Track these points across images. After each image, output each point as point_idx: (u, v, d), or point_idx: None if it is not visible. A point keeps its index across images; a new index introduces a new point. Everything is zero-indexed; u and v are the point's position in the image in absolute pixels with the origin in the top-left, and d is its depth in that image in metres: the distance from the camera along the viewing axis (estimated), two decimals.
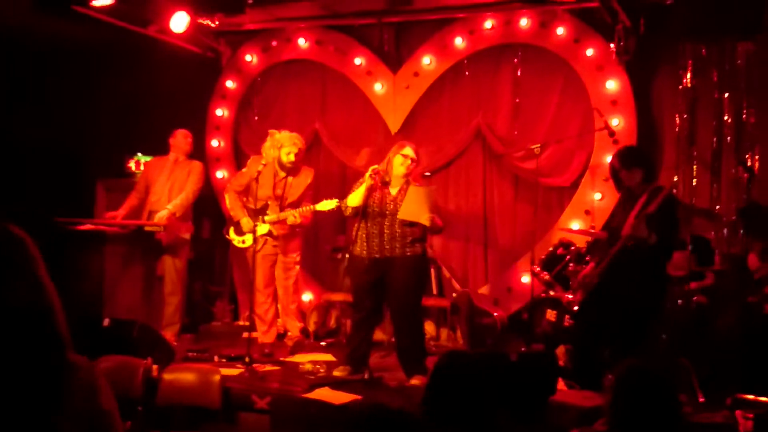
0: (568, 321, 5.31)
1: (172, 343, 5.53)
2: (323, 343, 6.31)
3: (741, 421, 3.66)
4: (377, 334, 5.51)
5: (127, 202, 6.13)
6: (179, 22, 6.21)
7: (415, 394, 4.06)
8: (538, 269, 5.66)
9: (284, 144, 5.67)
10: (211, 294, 7.32)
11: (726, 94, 5.90)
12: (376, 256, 4.86)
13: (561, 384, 4.37)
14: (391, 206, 4.89)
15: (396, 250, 4.85)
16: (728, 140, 5.89)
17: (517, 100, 6.50)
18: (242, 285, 7.12)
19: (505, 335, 5.99)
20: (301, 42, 7.09)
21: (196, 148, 6.47)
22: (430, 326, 6.39)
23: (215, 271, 7.47)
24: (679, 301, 5.00)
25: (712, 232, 5.67)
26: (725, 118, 5.91)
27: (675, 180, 6.02)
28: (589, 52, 6.12)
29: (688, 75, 6.01)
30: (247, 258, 5.78)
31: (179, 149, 6.21)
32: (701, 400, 4.45)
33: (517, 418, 3.64)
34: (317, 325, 6.68)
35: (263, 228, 5.66)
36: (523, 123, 6.46)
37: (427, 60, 6.67)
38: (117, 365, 3.95)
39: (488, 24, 6.44)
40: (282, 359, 5.49)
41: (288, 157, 5.66)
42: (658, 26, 5.88)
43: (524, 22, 6.29)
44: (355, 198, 4.93)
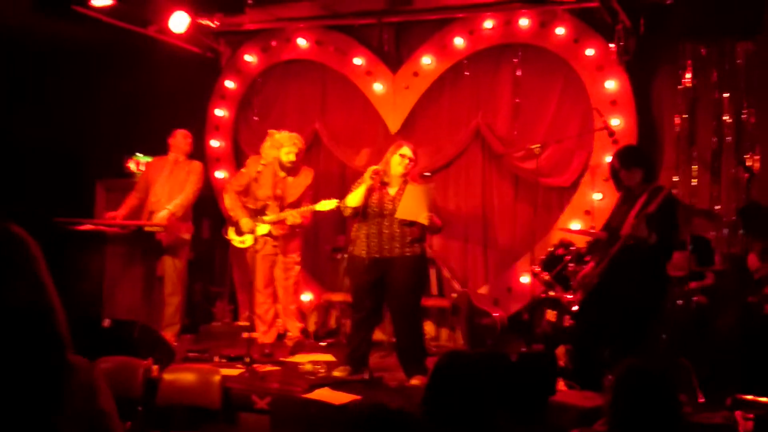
0: (568, 321, 5.31)
1: (173, 343, 5.52)
2: (323, 344, 6.31)
3: (741, 421, 3.67)
4: (377, 334, 5.50)
5: (127, 202, 6.13)
6: (179, 22, 6.20)
7: (415, 394, 4.06)
8: (538, 269, 5.65)
9: (284, 144, 5.67)
10: (211, 294, 7.31)
11: (726, 94, 5.90)
12: (375, 256, 4.86)
13: (561, 384, 4.37)
14: (390, 206, 4.88)
15: (395, 250, 4.85)
16: (728, 140, 5.89)
17: (517, 100, 6.49)
18: (242, 285, 7.11)
19: (505, 335, 5.97)
20: (301, 42, 7.09)
21: (195, 148, 6.47)
22: (430, 326, 6.40)
23: (215, 271, 7.46)
24: (679, 301, 5.00)
25: (712, 232, 5.67)
26: (725, 118, 5.91)
27: (675, 180, 6.02)
28: (589, 52, 6.12)
29: (688, 75, 6.01)
30: (247, 258, 5.79)
31: (179, 149, 6.20)
32: (701, 400, 4.44)
33: (517, 419, 3.64)
34: (317, 325, 6.69)
35: (263, 228, 5.66)
36: (523, 123, 6.46)
37: (426, 60, 6.67)
38: (117, 366, 3.95)
39: (488, 24, 6.44)
40: (282, 359, 5.48)
41: (288, 157, 5.66)
42: (658, 26, 5.87)
43: (524, 22, 6.29)
44: (354, 198, 4.92)
